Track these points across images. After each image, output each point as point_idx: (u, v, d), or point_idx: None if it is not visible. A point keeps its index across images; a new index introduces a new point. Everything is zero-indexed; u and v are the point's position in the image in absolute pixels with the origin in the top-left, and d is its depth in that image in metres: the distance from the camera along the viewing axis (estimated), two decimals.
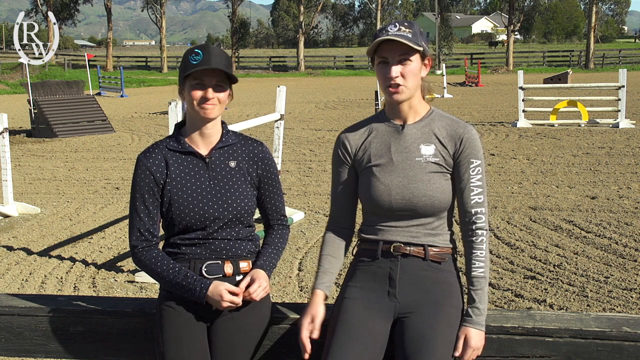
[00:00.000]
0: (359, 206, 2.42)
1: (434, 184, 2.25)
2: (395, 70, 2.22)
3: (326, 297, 2.33)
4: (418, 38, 2.23)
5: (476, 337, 2.19)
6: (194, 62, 2.27)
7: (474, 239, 2.27)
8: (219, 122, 2.41)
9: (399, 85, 2.23)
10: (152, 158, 2.36)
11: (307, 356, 2.22)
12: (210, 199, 2.34)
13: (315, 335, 2.24)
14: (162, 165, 2.35)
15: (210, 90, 2.29)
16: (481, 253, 2.26)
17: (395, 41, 2.19)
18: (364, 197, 2.33)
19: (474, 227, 2.27)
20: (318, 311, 2.28)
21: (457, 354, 2.18)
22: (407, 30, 2.22)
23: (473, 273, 2.24)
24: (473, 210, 2.27)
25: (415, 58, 2.24)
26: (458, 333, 2.21)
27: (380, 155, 2.31)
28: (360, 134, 2.37)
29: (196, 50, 2.31)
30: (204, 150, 2.39)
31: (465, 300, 2.29)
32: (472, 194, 2.27)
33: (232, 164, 2.39)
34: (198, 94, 2.30)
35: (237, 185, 2.38)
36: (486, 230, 2.28)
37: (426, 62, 2.29)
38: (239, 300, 2.27)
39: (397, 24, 2.24)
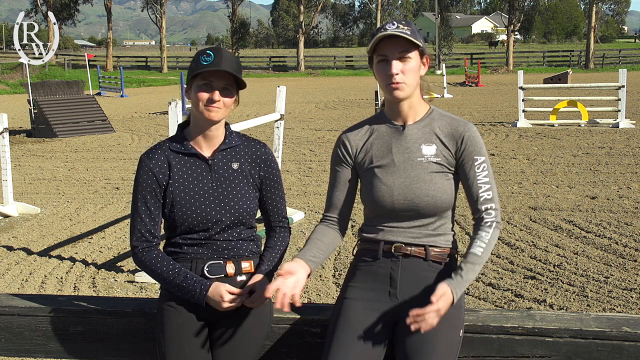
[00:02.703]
0: (360, 207, 2.42)
1: (436, 184, 2.25)
2: (396, 66, 2.21)
3: (310, 273, 2.23)
4: (416, 35, 2.23)
5: (448, 298, 2.09)
6: (205, 63, 2.26)
7: (483, 224, 2.25)
8: (222, 123, 2.40)
9: (399, 82, 2.22)
10: (155, 159, 2.35)
11: (287, 309, 2.10)
12: (213, 201, 2.33)
13: (298, 302, 2.13)
14: (164, 167, 2.35)
15: (217, 92, 2.28)
16: (486, 235, 2.23)
17: (395, 38, 2.19)
18: (367, 199, 2.32)
19: (484, 222, 2.26)
20: (300, 273, 2.17)
21: (434, 299, 2.07)
22: (405, 27, 2.22)
23: (471, 250, 2.20)
24: (483, 207, 2.26)
25: (415, 55, 2.24)
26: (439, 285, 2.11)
27: (382, 156, 2.30)
28: (361, 135, 2.36)
29: (208, 51, 2.29)
30: (207, 152, 2.38)
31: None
32: (480, 191, 2.26)
33: (235, 165, 2.39)
34: (204, 95, 2.28)
35: (239, 187, 2.37)
36: (498, 222, 2.27)
37: (424, 60, 2.29)
38: (239, 299, 2.27)
39: (395, 22, 2.24)
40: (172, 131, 5.77)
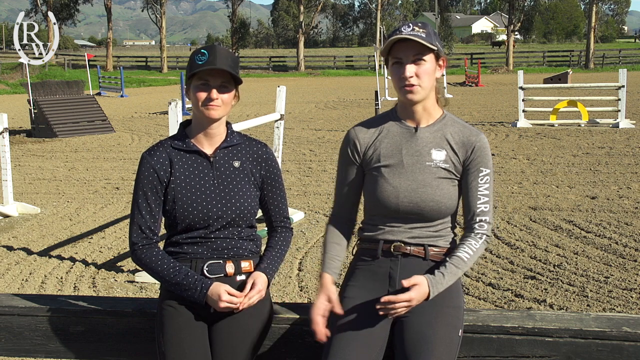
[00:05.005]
0: (361, 207, 2.42)
1: (442, 189, 2.25)
2: (410, 70, 2.20)
3: (335, 283, 2.31)
4: (432, 38, 2.22)
5: (422, 291, 2.13)
6: (200, 62, 2.29)
7: (473, 234, 2.27)
8: (224, 122, 2.42)
9: (413, 85, 2.21)
10: (157, 156, 2.36)
11: (324, 338, 2.20)
12: (214, 198, 2.34)
13: (339, 310, 2.23)
14: (166, 164, 2.36)
15: (214, 91, 2.30)
16: (475, 244, 2.25)
17: (409, 41, 2.19)
18: (370, 197, 2.32)
19: (474, 232, 2.27)
20: (332, 290, 2.26)
21: (406, 284, 2.11)
22: (421, 30, 2.21)
23: (458, 253, 2.23)
24: (477, 219, 2.28)
25: (430, 58, 2.23)
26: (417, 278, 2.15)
27: (390, 155, 2.30)
28: (371, 132, 2.36)
29: (202, 50, 2.32)
30: (208, 150, 2.40)
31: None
32: (478, 202, 2.27)
33: (237, 164, 2.40)
34: (202, 95, 2.31)
35: (240, 185, 2.38)
36: (488, 236, 2.29)
37: (440, 62, 2.28)
38: (237, 300, 2.27)
39: (410, 24, 2.24)
40: (172, 131, 5.78)
